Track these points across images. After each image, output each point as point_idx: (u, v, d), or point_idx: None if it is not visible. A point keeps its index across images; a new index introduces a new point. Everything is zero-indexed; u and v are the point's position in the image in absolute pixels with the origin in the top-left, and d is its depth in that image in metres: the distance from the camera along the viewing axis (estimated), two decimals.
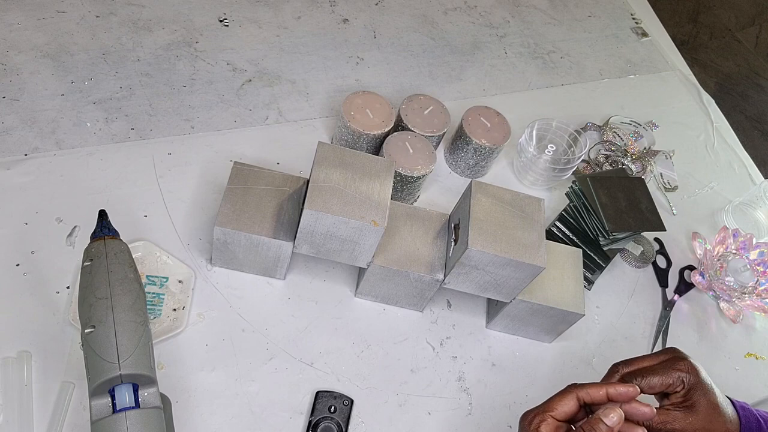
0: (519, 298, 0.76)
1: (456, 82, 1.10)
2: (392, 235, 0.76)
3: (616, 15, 1.34)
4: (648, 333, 0.91)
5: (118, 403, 0.54)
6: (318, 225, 0.68)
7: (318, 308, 0.79)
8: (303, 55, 1.04)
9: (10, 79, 0.87)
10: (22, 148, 0.82)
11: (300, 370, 0.75)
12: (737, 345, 0.94)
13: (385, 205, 0.68)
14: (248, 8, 1.07)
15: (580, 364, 0.85)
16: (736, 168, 1.15)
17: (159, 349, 0.71)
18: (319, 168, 0.69)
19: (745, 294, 0.93)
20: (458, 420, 0.77)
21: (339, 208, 0.67)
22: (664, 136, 1.13)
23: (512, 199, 0.73)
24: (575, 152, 0.97)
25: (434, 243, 0.77)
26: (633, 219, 0.85)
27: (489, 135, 0.91)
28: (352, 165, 0.70)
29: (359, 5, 1.15)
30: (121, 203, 0.80)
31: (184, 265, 0.77)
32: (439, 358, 0.80)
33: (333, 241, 0.71)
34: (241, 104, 0.95)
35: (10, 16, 0.93)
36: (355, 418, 0.73)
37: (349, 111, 0.87)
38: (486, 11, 1.23)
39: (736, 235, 0.98)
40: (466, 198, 0.73)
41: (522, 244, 0.70)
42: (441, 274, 0.75)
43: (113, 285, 0.57)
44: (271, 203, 0.74)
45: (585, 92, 1.17)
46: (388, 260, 0.74)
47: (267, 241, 0.72)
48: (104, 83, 0.91)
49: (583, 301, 0.78)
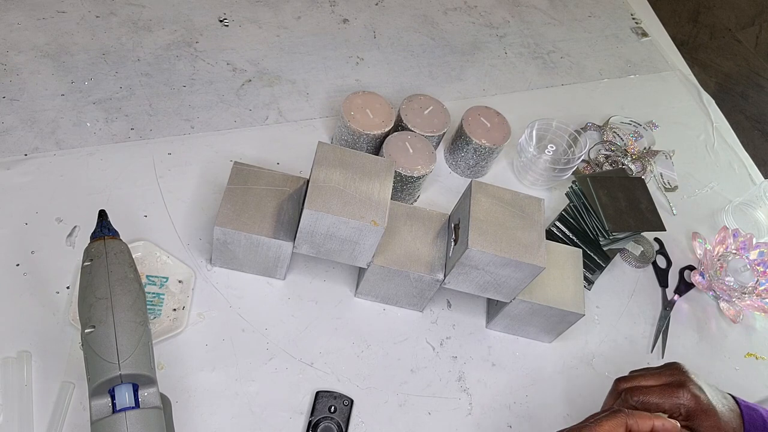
0: (519, 298, 0.76)
1: (456, 82, 1.10)
2: (392, 235, 0.75)
3: (616, 15, 1.34)
4: (648, 333, 0.91)
5: (118, 403, 0.54)
6: (318, 225, 0.68)
7: (318, 308, 0.79)
8: (303, 55, 1.04)
9: (10, 79, 0.87)
10: (22, 148, 0.82)
11: (300, 370, 0.75)
12: (737, 345, 0.94)
13: (385, 205, 0.68)
14: (248, 8, 1.07)
15: (580, 364, 0.85)
16: (736, 168, 1.15)
17: (159, 349, 0.71)
18: (319, 168, 0.69)
19: (745, 294, 0.93)
20: (458, 420, 0.77)
21: (339, 208, 0.67)
22: (664, 136, 1.13)
23: (512, 199, 0.73)
24: (575, 152, 0.97)
25: (434, 243, 0.77)
26: (633, 219, 0.85)
27: (489, 135, 0.91)
28: (352, 165, 0.70)
29: (359, 5, 1.15)
30: (121, 203, 0.80)
31: (184, 265, 0.77)
32: (439, 358, 0.80)
33: (333, 241, 0.71)
34: (241, 104, 0.95)
35: (10, 16, 0.93)
36: (355, 418, 0.73)
37: (349, 111, 0.87)
38: (486, 11, 1.23)
39: (736, 235, 0.98)
40: (466, 198, 0.73)
41: (522, 244, 0.70)
42: (441, 274, 0.75)
43: (113, 285, 0.57)
44: (271, 203, 0.74)
45: (585, 92, 1.17)
46: (388, 260, 0.74)
47: (267, 241, 0.72)
48: (104, 83, 0.91)
49: (583, 301, 0.78)
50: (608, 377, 0.85)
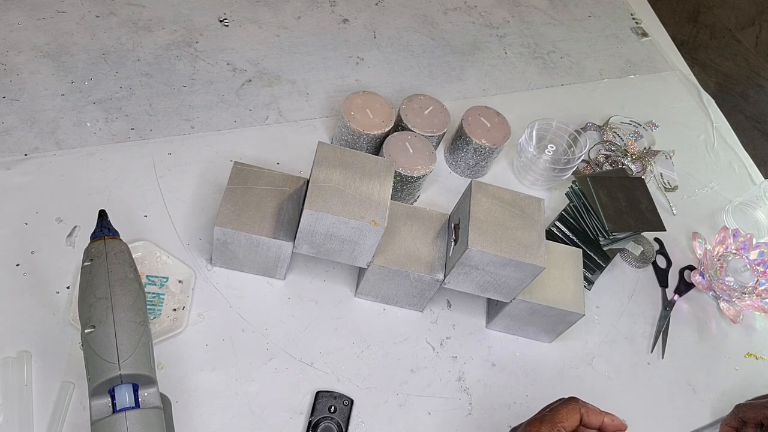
0: (519, 298, 0.76)
1: (456, 82, 1.10)
2: (392, 235, 0.75)
3: (616, 15, 1.34)
4: (648, 333, 0.91)
5: (118, 403, 0.54)
6: (318, 225, 0.68)
7: (318, 308, 0.79)
8: (303, 55, 1.04)
9: (10, 79, 0.87)
10: (22, 148, 0.82)
11: (300, 370, 0.75)
12: (737, 345, 0.94)
13: (385, 205, 0.68)
14: (248, 8, 1.07)
15: (580, 364, 0.85)
16: (736, 168, 1.15)
17: (159, 349, 0.71)
18: (319, 168, 0.69)
19: (745, 294, 0.93)
20: (458, 420, 0.77)
21: (339, 208, 0.67)
22: (664, 136, 1.13)
23: (512, 199, 0.73)
24: (575, 152, 0.97)
25: (434, 243, 0.77)
26: (633, 219, 0.85)
27: (489, 135, 0.91)
28: (352, 165, 0.70)
29: (359, 5, 1.15)
30: (121, 203, 0.80)
31: (184, 265, 0.77)
32: (439, 358, 0.80)
33: (333, 241, 0.71)
34: (241, 104, 0.95)
35: (10, 16, 0.93)
36: (355, 418, 0.73)
37: (349, 111, 0.87)
38: (486, 11, 1.23)
39: (736, 235, 0.98)
40: (466, 198, 0.73)
41: (522, 244, 0.70)
42: (441, 274, 0.75)
43: (113, 285, 0.57)
44: (271, 203, 0.74)
45: (585, 92, 1.17)
46: (388, 260, 0.74)
47: (267, 241, 0.72)
48: (104, 83, 0.91)
49: (583, 301, 0.78)
50: (608, 377, 0.85)
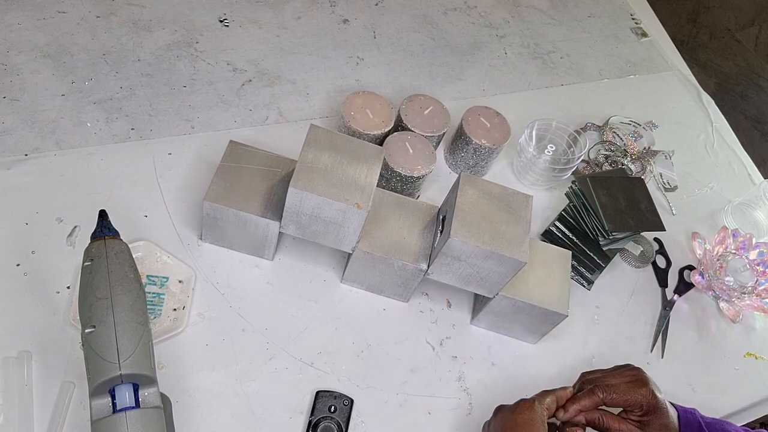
0: (502, 293, 0.76)
1: (456, 82, 1.10)
2: (381, 222, 0.76)
3: (615, 15, 1.34)
4: (648, 333, 0.91)
5: (118, 403, 0.54)
6: (303, 205, 0.68)
7: (318, 308, 0.79)
8: (303, 55, 1.04)
9: (11, 79, 0.87)
10: (22, 148, 0.82)
11: (300, 370, 0.75)
12: (737, 345, 0.94)
13: (370, 189, 0.69)
14: (248, 8, 1.07)
15: (580, 364, 0.85)
16: (736, 168, 1.15)
17: (159, 349, 0.71)
18: (308, 149, 0.69)
19: (744, 294, 0.93)
20: (458, 420, 0.77)
21: (324, 189, 0.67)
22: (663, 136, 1.13)
23: (501, 194, 0.74)
24: (575, 152, 0.97)
25: (422, 234, 0.77)
26: (633, 219, 0.85)
27: (489, 135, 0.91)
28: (342, 149, 0.70)
29: (359, 5, 1.15)
30: (122, 203, 0.80)
31: (184, 265, 0.77)
32: (439, 358, 0.80)
33: (318, 223, 0.71)
34: (241, 104, 0.95)
35: (10, 16, 0.93)
36: (355, 418, 0.73)
37: (349, 111, 0.87)
38: (486, 11, 1.23)
39: (735, 235, 0.98)
40: (454, 189, 0.73)
41: (505, 238, 0.70)
42: (425, 264, 0.75)
43: (113, 285, 0.57)
44: (262, 183, 0.74)
45: (585, 92, 1.17)
46: (373, 246, 0.74)
47: (255, 219, 0.72)
48: (104, 83, 0.91)
49: (567, 302, 0.78)
50: None
